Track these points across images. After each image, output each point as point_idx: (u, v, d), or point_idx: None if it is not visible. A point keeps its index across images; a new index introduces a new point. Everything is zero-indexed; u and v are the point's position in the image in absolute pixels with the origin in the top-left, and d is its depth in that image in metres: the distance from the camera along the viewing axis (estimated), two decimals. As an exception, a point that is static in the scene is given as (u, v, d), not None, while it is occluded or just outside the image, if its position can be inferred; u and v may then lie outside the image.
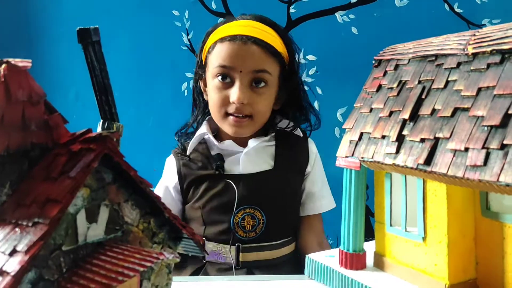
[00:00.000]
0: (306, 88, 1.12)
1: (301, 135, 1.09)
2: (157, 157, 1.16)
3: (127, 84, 1.69)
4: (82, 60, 0.51)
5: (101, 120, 0.53)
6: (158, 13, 1.77)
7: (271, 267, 1.00)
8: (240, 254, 0.98)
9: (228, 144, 1.04)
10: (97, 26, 0.51)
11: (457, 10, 1.65)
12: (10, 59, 0.36)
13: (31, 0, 1.86)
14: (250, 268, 0.98)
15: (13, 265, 0.32)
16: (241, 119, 0.99)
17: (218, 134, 1.08)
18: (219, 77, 0.99)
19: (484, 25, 1.64)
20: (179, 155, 1.07)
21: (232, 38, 0.98)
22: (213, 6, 1.75)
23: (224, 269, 0.98)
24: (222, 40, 0.99)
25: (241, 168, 1.02)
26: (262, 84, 0.99)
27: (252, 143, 1.03)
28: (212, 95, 1.01)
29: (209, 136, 1.04)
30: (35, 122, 0.37)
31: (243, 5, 1.73)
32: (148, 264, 0.36)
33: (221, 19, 1.74)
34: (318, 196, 1.09)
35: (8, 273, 0.31)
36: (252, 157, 1.03)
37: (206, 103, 1.09)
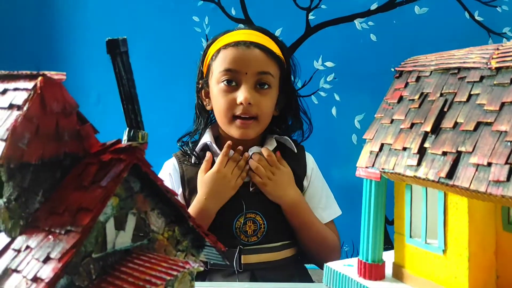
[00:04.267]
0: (322, 93, 1.14)
1: (295, 150, 1.11)
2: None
3: (146, 89, 1.70)
4: (104, 63, 0.52)
5: (127, 129, 0.54)
6: (178, 19, 1.79)
7: (272, 269, 1.02)
8: (242, 256, 1.00)
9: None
10: (125, 37, 0.52)
11: (477, 18, 1.64)
12: (46, 72, 0.37)
13: (55, 4, 1.90)
14: (252, 271, 1.01)
15: (47, 272, 0.33)
16: (247, 120, 1.03)
17: (220, 142, 1.11)
18: (225, 82, 1.03)
19: (505, 34, 1.63)
20: (183, 159, 1.10)
21: (236, 44, 1.03)
22: (233, 12, 1.77)
23: (228, 274, 1.00)
24: (225, 46, 1.04)
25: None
26: (266, 86, 1.04)
27: (251, 152, 1.07)
28: (218, 100, 1.05)
29: (212, 145, 1.07)
30: (68, 133, 0.39)
31: (263, 11, 1.75)
32: (175, 273, 0.37)
33: (240, 25, 1.76)
34: (319, 208, 1.11)
35: (42, 280, 0.33)
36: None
37: (208, 113, 1.14)
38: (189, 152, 1.10)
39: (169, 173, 1.11)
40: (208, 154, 1.06)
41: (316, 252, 1.09)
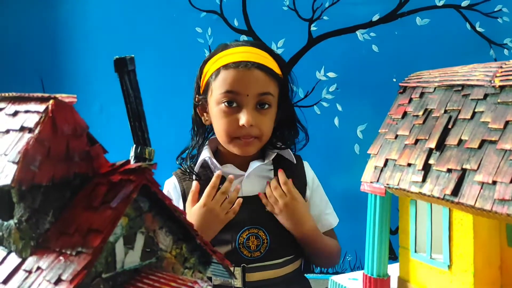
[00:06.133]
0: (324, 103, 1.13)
1: (294, 161, 1.11)
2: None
3: (149, 99, 1.71)
4: (107, 73, 0.53)
5: (134, 145, 0.54)
6: (181, 30, 1.80)
7: (276, 284, 1.02)
8: (246, 274, 1.00)
9: (230, 168, 1.07)
10: (133, 55, 0.53)
11: (478, 29, 1.65)
12: (57, 95, 0.37)
13: (58, 15, 1.91)
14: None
15: (58, 294, 0.33)
16: (249, 139, 1.03)
17: (219, 156, 1.11)
18: (225, 103, 1.03)
19: (506, 45, 1.64)
20: (183, 177, 1.10)
21: (236, 65, 1.02)
22: (236, 23, 1.78)
23: None
24: (225, 67, 1.03)
25: (243, 191, 1.05)
26: (266, 106, 1.04)
27: (252, 166, 1.07)
28: (219, 121, 1.04)
29: (212, 160, 1.07)
30: (78, 154, 0.39)
31: (265, 22, 1.76)
32: (184, 292, 0.37)
33: (243, 36, 1.77)
34: (322, 216, 1.13)
35: (54, 302, 0.33)
36: (253, 181, 1.07)
37: (205, 128, 1.14)
38: (188, 169, 1.09)
39: (167, 191, 1.11)
40: (194, 185, 1.04)
41: (323, 264, 1.15)
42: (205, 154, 1.08)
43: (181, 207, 1.07)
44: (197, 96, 1.12)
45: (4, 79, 1.89)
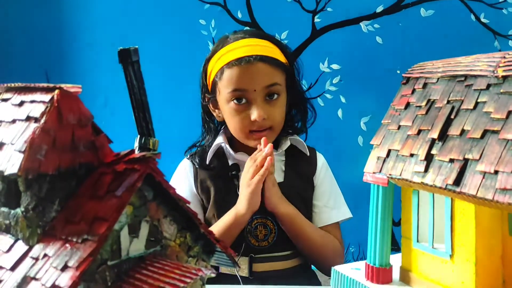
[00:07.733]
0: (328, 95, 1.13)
1: (307, 153, 1.12)
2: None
3: (153, 92, 1.72)
4: (112, 67, 0.53)
5: (138, 136, 0.55)
6: (185, 22, 1.80)
7: (284, 277, 1.02)
8: (253, 264, 1.00)
9: (243, 156, 1.08)
10: (137, 46, 0.53)
11: (483, 20, 1.64)
12: (62, 85, 0.38)
13: (63, 8, 1.91)
14: (263, 279, 1.01)
15: (65, 280, 0.34)
16: (262, 132, 1.04)
17: (233, 144, 1.12)
18: (234, 100, 1.03)
19: (511, 36, 1.63)
20: (196, 161, 1.11)
21: (239, 61, 1.02)
22: (239, 15, 1.78)
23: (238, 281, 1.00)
24: (228, 65, 1.03)
25: None
26: (275, 96, 1.05)
27: None
28: (231, 119, 1.06)
29: (226, 146, 1.07)
30: (83, 143, 0.40)
31: (268, 14, 1.76)
32: (188, 280, 0.38)
33: (246, 28, 1.77)
34: (325, 208, 1.11)
35: (61, 288, 0.34)
36: None
37: (217, 123, 1.15)
38: (198, 161, 1.10)
39: (184, 168, 1.12)
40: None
41: (317, 260, 1.08)
42: (220, 139, 1.09)
43: (193, 188, 1.08)
44: (206, 95, 1.12)
45: (8, 73, 1.90)
